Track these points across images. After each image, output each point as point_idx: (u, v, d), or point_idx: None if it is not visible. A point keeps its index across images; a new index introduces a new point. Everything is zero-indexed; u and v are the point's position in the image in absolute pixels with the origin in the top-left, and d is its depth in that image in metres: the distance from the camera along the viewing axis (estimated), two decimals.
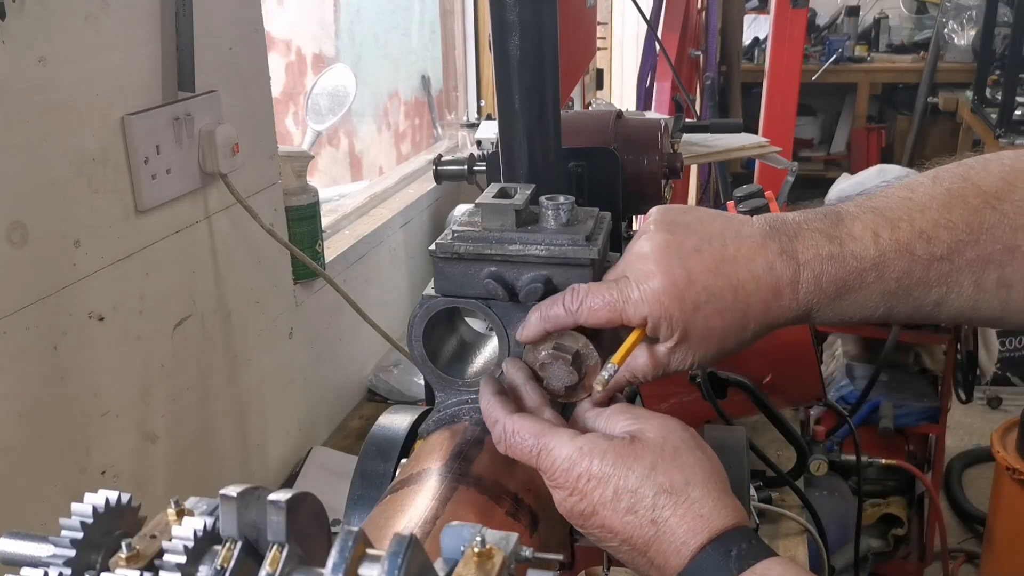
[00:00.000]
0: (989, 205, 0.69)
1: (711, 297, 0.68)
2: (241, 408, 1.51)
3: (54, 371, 1.08)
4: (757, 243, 0.69)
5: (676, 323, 0.68)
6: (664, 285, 0.68)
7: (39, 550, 0.48)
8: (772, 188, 1.74)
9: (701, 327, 0.68)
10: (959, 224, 0.68)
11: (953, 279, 0.69)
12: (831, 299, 0.69)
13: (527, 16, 0.80)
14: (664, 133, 1.09)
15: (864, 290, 0.69)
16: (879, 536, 2.79)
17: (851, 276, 0.69)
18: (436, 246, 0.74)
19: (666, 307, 0.68)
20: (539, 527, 0.70)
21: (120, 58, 1.16)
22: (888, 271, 0.69)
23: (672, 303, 0.68)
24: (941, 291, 0.69)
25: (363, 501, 0.80)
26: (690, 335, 0.69)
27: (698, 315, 0.68)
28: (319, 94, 1.90)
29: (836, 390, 2.70)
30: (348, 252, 1.89)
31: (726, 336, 0.70)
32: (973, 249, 0.68)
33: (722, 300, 0.68)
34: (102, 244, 1.14)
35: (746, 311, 0.69)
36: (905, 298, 0.70)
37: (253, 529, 0.46)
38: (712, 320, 0.68)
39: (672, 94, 3.03)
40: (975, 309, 0.70)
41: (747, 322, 0.70)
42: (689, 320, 0.68)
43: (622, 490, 0.63)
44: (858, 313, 0.71)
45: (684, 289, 0.68)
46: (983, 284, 0.69)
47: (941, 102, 5.61)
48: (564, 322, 0.71)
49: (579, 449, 0.64)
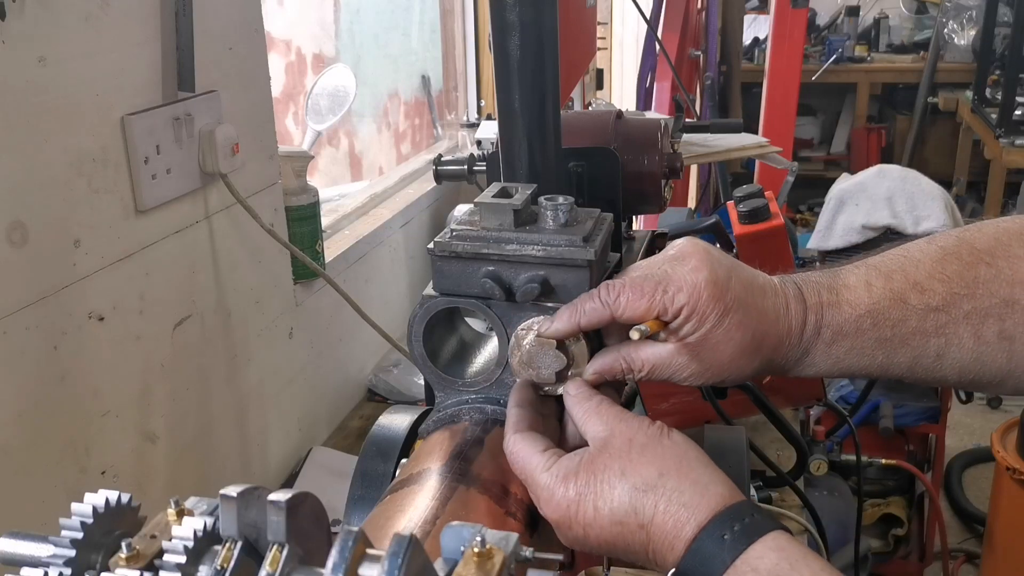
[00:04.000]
0: (983, 261, 0.70)
1: (741, 307, 0.69)
2: (241, 408, 1.51)
3: (54, 371, 1.08)
4: (776, 283, 0.72)
5: (705, 321, 0.68)
6: (707, 279, 0.68)
7: (39, 550, 0.48)
8: (772, 188, 1.74)
9: (722, 335, 0.68)
10: (953, 277, 0.70)
11: (951, 330, 0.69)
12: (827, 344, 0.71)
13: (527, 16, 0.80)
14: (664, 133, 1.08)
15: (859, 336, 0.70)
16: (879, 536, 2.79)
17: (847, 323, 0.70)
18: (434, 245, 0.75)
19: (704, 301, 0.68)
20: (539, 527, 0.70)
21: (120, 58, 1.16)
22: (882, 319, 0.70)
23: (710, 300, 0.68)
24: (940, 342, 0.70)
25: (363, 501, 0.79)
26: (708, 340, 0.69)
27: (726, 319, 0.68)
28: (319, 94, 1.90)
29: (836, 390, 2.70)
30: (348, 252, 1.89)
31: (735, 356, 0.70)
32: (970, 302, 0.69)
33: (748, 316, 0.69)
34: (102, 244, 1.14)
35: (763, 339, 0.70)
36: (902, 347, 0.70)
37: (253, 529, 0.46)
38: (733, 332, 0.68)
39: (672, 94, 3.03)
40: (979, 362, 0.70)
41: (759, 350, 0.70)
42: (718, 322, 0.68)
43: (601, 504, 0.62)
44: (855, 361, 0.71)
45: (723, 290, 0.68)
46: (983, 336, 0.69)
47: (941, 102, 5.62)
48: (600, 315, 0.70)
49: (554, 477, 0.64)
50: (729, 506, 0.59)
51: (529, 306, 0.73)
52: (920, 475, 2.56)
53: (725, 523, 0.58)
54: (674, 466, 0.62)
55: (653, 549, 0.61)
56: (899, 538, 2.80)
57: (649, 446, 0.63)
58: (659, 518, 0.60)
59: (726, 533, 0.58)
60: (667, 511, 0.60)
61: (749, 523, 0.58)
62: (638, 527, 0.61)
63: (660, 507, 0.60)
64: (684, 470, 0.61)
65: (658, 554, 0.61)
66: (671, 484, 0.61)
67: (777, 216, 1.50)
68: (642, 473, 0.62)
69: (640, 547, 0.62)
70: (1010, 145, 4.36)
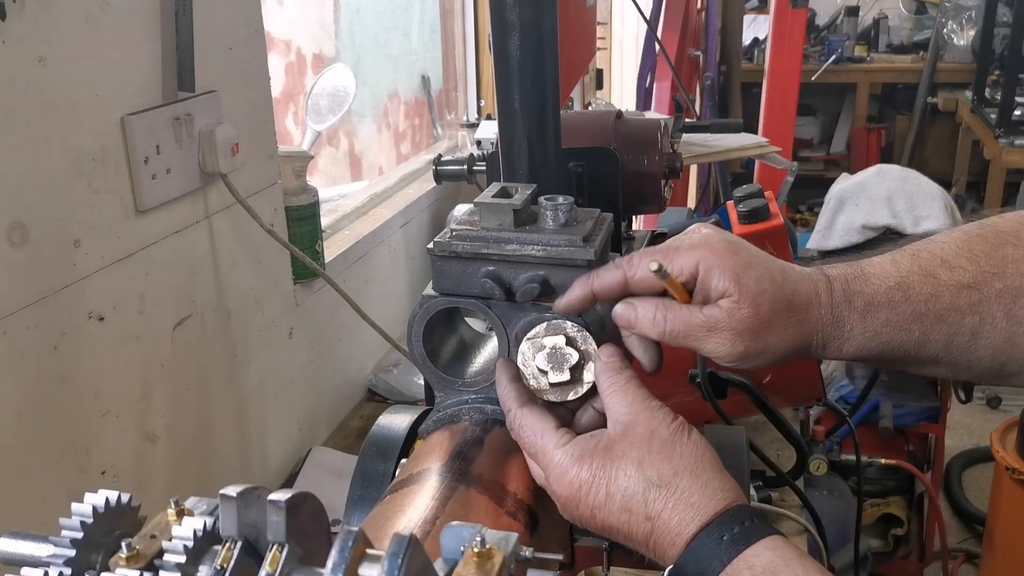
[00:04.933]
0: (1008, 242, 0.70)
1: (760, 263, 0.68)
2: (241, 408, 1.51)
3: (54, 371, 1.08)
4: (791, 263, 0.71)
5: (727, 272, 0.66)
6: (721, 239, 0.68)
7: (39, 550, 0.48)
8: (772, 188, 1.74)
9: (752, 287, 0.66)
10: (981, 257, 0.69)
11: (985, 309, 0.69)
12: (861, 315, 0.69)
13: (527, 16, 0.80)
14: (664, 133, 1.08)
15: (893, 308, 0.69)
16: (879, 536, 2.79)
17: (877, 293, 0.69)
18: (434, 244, 0.75)
19: (719, 255, 0.67)
20: (539, 527, 0.70)
21: (120, 58, 1.16)
22: (913, 292, 0.69)
23: (726, 252, 0.67)
24: (975, 320, 0.69)
25: (363, 501, 0.80)
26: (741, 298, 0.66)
27: (749, 272, 0.67)
28: (319, 94, 1.90)
29: (836, 390, 2.70)
30: (348, 252, 1.89)
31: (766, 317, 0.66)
32: (1000, 280, 0.68)
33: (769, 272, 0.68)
34: (102, 244, 1.14)
35: (791, 298, 0.67)
36: (938, 323, 0.69)
37: (253, 529, 0.46)
38: (764, 283, 0.67)
39: (672, 94, 3.03)
40: (1011, 343, 0.69)
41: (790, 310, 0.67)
42: (741, 275, 0.66)
43: (614, 490, 0.63)
44: (894, 336, 0.69)
45: (737, 246, 0.68)
46: (1016, 316, 0.69)
47: (941, 102, 5.62)
48: (613, 277, 0.69)
49: (569, 455, 0.65)
50: (731, 508, 0.61)
51: (529, 306, 0.73)
52: (920, 475, 2.56)
53: (725, 525, 0.60)
54: (689, 467, 0.63)
55: (655, 542, 0.62)
56: (899, 538, 2.80)
57: (669, 443, 0.64)
58: (666, 514, 0.62)
59: (725, 534, 0.59)
60: (675, 509, 0.62)
61: (749, 526, 0.60)
62: (644, 518, 0.62)
63: (669, 504, 0.62)
64: (698, 472, 0.63)
65: (659, 547, 0.63)
66: (684, 484, 0.62)
67: (777, 216, 1.50)
68: (658, 468, 0.63)
69: (642, 537, 0.63)
70: (1009, 145, 4.36)
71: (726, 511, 0.61)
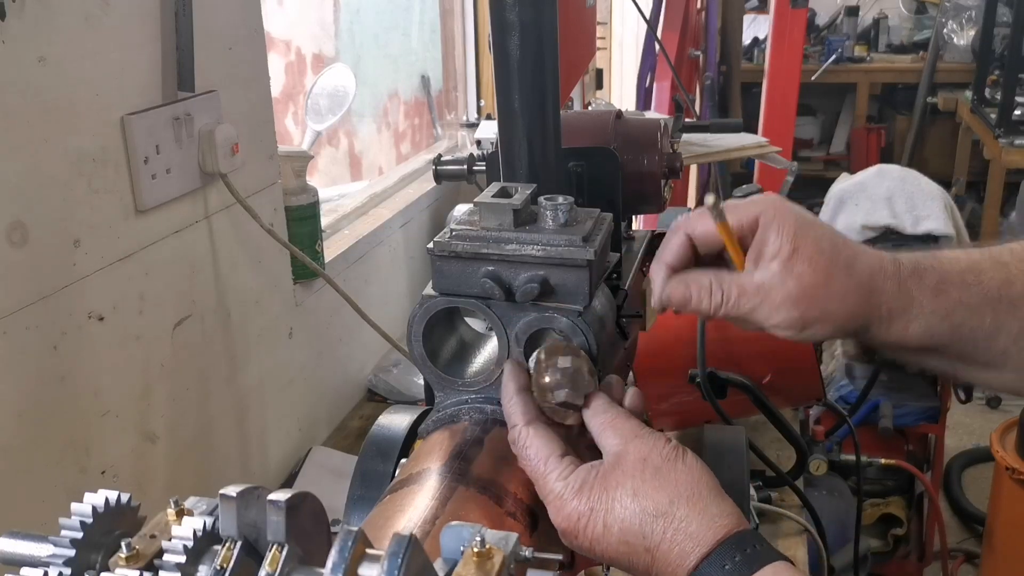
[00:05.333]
0: None
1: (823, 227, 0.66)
2: (241, 408, 1.51)
3: (54, 371, 1.08)
4: None
5: (786, 227, 0.64)
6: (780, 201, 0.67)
7: (39, 550, 0.48)
8: (772, 188, 1.74)
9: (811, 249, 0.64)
10: None
11: None
12: (932, 290, 0.66)
13: (527, 16, 0.80)
14: (664, 133, 1.08)
15: (966, 290, 0.66)
16: (879, 536, 2.79)
17: (948, 273, 0.66)
18: (434, 244, 0.75)
19: (780, 210, 0.65)
20: (539, 527, 0.70)
21: (120, 58, 1.16)
22: (986, 276, 0.66)
23: (786, 212, 0.66)
24: None
25: (363, 501, 0.80)
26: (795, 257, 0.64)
27: (808, 231, 0.65)
28: (319, 94, 1.90)
29: (836, 390, 2.70)
30: (348, 252, 1.89)
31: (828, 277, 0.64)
32: None
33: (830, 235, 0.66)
34: (102, 244, 1.14)
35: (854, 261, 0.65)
36: (1012, 311, 0.66)
37: (253, 529, 0.46)
38: (823, 243, 0.65)
39: (672, 94, 3.03)
40: None
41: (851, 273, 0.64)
42: (799, 232, 0.64)
43: (611, 521, 0.62)
44: (966, 319, 0.66)
45: (799, 210, 0.67)
46: None
47: (941, 102, 5.62)
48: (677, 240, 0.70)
49: (569, 487, 0.64)
50: (732, 535, 0.59)
51: (529, 306, 0.73)
52: (920, 475, 2.56)
53: (727, 553, 0.58)
54: (685, 494, 0.61)
55: (657, 572, 0.61)
56: (899, 538, 2.80)
57: (663, 469, 0.62)
58: (665, 546, 0.60)
59: (727, 563, 0.58)
60: (673, 540, 0.60)
61: (751, 553, 0.58)
62: (644, 550, 0.61)
63: (668, 535, 0.60)
64: (694, 499, 0.61)
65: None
66: (681, 513, 0.60)
67: None
68: (653, 498, 0.61)
69: (644, 568, 0.62)
70: (1009, 145, 4.36)
71: (727, 538, 0.59)
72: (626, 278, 0.95)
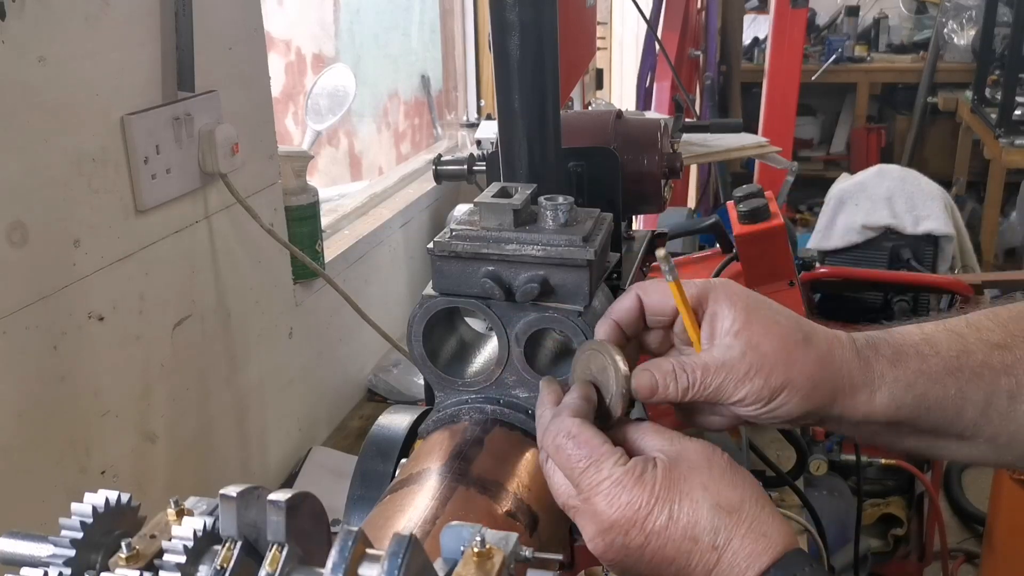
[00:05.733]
0: None
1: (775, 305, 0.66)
2: (241, 408, 1.51)
3: (54, 371, 1.08)
4: None
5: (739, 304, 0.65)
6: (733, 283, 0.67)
7: (39, 550, 0.48)
8: (772, 188, 1.74)
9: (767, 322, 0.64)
10: (1008, 321, 0.67)
11: (1020, 371, 0.65)
12: (890, 360, 0.65)
13: (527, 16, 0.80)
14: (664, 133, 1.08)
15: (923, 361, 0.65)
16: (879, 536, 2.78)
17: (903, 345, 0.66)
18: (434, 244, 0.75)
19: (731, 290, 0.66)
20: (539, 527, 0.70)
21: (120, 58, 1.16)
22: (943, 347, 0.66)
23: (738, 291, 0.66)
24: (1011, 382, 0.65)
25: (363, 501, 0.80)
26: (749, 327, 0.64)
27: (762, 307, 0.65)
28: (319, 94, 1.90)
29: None
30: (348, 252, 1.90)
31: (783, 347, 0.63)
32: None
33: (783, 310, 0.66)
34: (102, 244, 1.14)
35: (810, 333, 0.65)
36: (974, 379, 0.65)
37: (253, 529, 0.46)
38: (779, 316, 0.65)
39: (672, 94, 3.04)
40: None
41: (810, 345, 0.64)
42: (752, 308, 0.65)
43: (678, 514, 0.59)
44: (929, 388, 0.65)
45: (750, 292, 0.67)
46: None
47: (941, 102, 5.62)
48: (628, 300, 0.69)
49: (628, 473, 0.60)
50: (792, 549, 0.58)
51: (529, 306, 0.73)
52: (920, 475, 2.55)
53: (797, 563, 0.57)
54: (751, 495, 0.60)
55: (719, 572, 0.58)
56: (899, 538, 2.80)
57: (729, 470, 0.61)
58: (736, 543, 0.58)
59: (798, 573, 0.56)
60: (746, 538, 0.58)
61: (818, 569, 0.57)
62: (711, 548, 0.58)
63: (740, 532, 0.58)
64: (762, 500, 0.59)
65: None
66: (752, 512, 0.59)
67: (777, 216, 1.50)
68: (725, 493, 0.59)
69: (702, 569, 0.59)
70: (1010, 145, 4.36)
71: (791, 550, 0.58)
72: (626, 278, 0.95)
